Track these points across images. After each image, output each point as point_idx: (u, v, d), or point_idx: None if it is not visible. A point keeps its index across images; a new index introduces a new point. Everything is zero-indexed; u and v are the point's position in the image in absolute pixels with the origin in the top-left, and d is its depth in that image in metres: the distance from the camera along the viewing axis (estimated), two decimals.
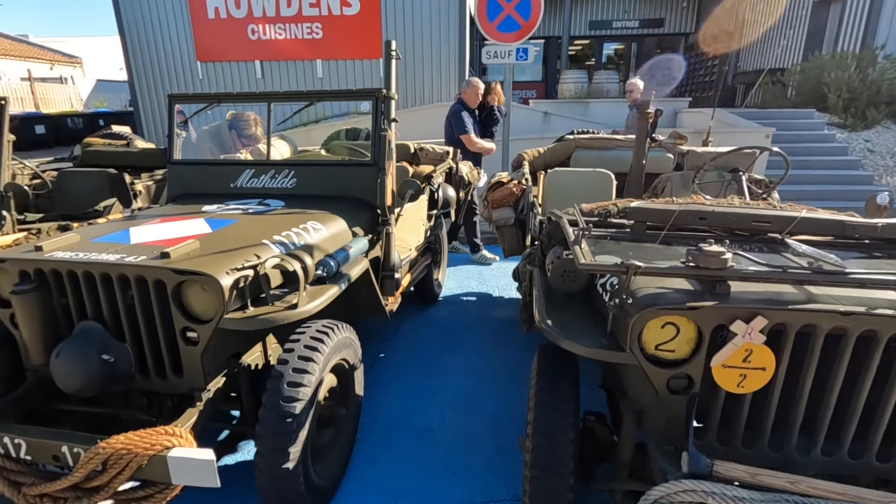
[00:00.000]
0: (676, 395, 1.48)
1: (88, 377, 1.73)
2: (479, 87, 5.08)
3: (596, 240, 1.85)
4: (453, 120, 5.07)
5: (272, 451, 1.75)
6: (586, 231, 1.67)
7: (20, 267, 1.84)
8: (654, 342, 1.44)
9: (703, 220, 1.84)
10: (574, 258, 1.63)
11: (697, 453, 1.36)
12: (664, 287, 1.49)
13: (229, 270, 1.75)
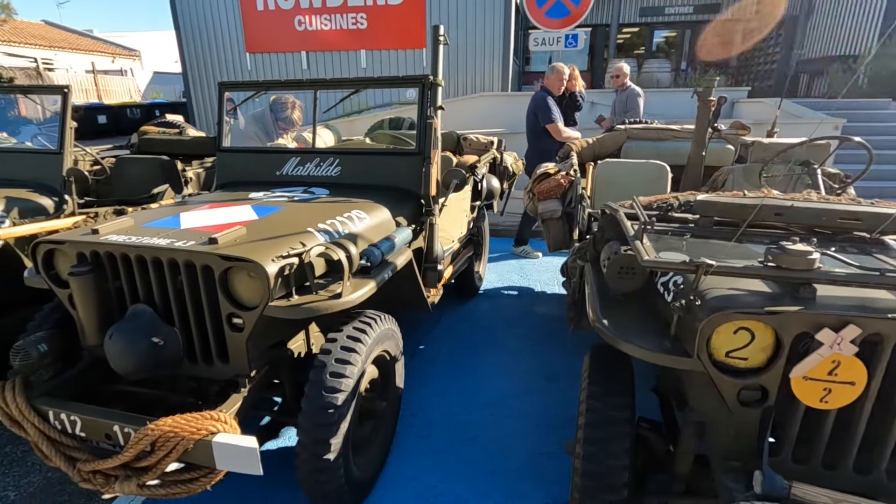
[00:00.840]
0: (747, 408, 1.35)
1: (139, 359, 1.76)
2: (564, 72, 4.85)
3: (657, 235, 1.72)
4: (538, 108, 4.80)
5: (314, 442, 1.73)
6: (648, 225, 1.54)
7: (77, 249, 1.89)
8: (724, 348, 1.31)
9: (780, 217, 1.67)
10: (635, 254, 1.52)
11: (773, 473, 1.23)
12: (737, 288, 1.35)
13: (275, 258, 1.73)
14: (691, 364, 1.33)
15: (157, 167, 3.99)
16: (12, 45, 18.89)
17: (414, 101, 7.76)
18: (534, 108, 4.90)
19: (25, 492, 2.19)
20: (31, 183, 3.08)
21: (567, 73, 4.90)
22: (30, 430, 1.74)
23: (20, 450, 2.44)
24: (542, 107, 4.79)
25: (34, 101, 8.37)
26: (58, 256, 1.98)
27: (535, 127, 4.89)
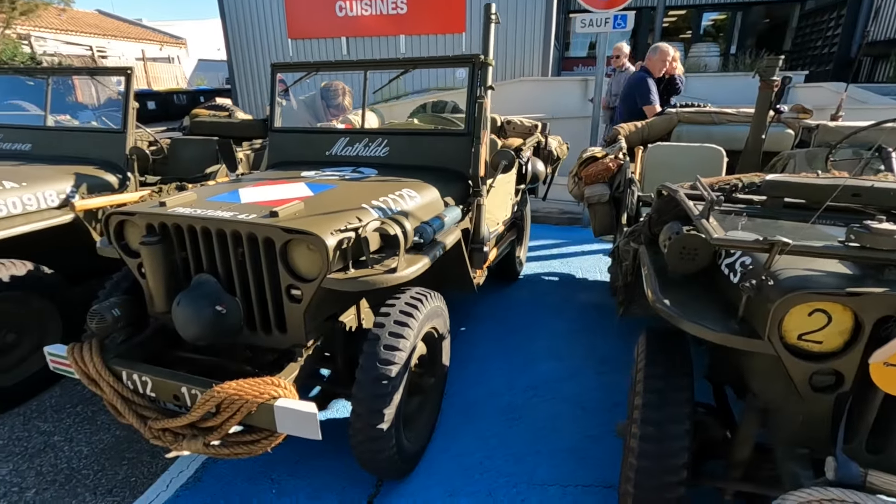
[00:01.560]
0: (819, 394, 1.30)
1: (203, 326, 1.84)
2: (668, 53, 4.63)
3: (723, 215, 1.66)
4: (637, 89, 4.59)
5: (368, 412, 1.78)
6: (716, 204, 1.49)
7: (147, 220, 1.98)
8: (797, 331, 1.26)
9: (858, 198, 1.59)
10: (700, 234, 1.47)
11: (847, 460, 1.19)
12: (813, 269, 1.30)
13: (333, 231, 1.77)
14: (761, 346, 1.28)
15: (211, 148, 4.13)
16: (69, 34, 19.80)
17: (452, 87, 7.68)
18: (632, 88, 4.66)
19: (97, 448, 2.34)
20: (97, 160, 3.24)
21: (671, 54, 4.66)
22: (105, 389, 1.86)
23: (90, 410, 2.61)
24: (642, 87, 4.55)
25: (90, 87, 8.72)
26: (128, 228, 2.08)
27: (632, 108, 4.66)
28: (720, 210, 1.72)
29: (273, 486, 2.10)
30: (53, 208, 2.86)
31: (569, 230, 5.78)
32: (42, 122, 3.37)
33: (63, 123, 4.20)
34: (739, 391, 1.74)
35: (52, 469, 2.21)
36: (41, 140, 3.36)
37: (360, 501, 2.03)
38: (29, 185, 2.78)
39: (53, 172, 2.97)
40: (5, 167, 2.98)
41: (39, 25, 17.89)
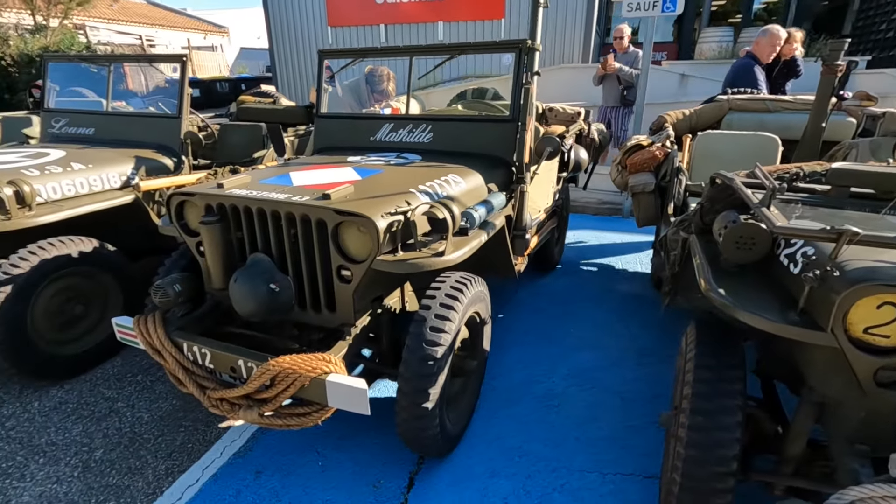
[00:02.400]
0: (884, 389, 1.25)
1: (258, 303, 1.93)
2: (779, 36, 4.27)
3: (783, 204, 1.61)
4: (740, 77, 4.29)
5: (414, 391, 1.83)
6: (778, 192, 1.45)
7: (206, 201, 2.07)
8: (863, 324, 1.22)
9: None
10: (760, 223, 1.44)
11: None
12: (882, 261, 1.25)
13: (384, 214, 1.81)
14: (823, 339, 1.25)
15: (258, 133, 4.26)
16: (120, 23, 20.58)
17: (489, 74, 7.61)
18: (734, 76, 4.37)
19: (156, 415, 2.49)
20: (153, 144, 3.39)
21: (783, 37, 4.31)
22: (168, 359, 1.97)
23: (149, 379, 2.77)
24: (748, 76, 4.24)
25: (140, 75, 9.02)
26: (188, 208, 2.19)
27: None
28: (782, 199, 1.66)
29: (319, 459, 2.19)
30: (115, 189, 3.02)
31: (608, 220, 5.68)
32: (104, 108, 3.55)
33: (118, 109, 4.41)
34: (793, 385, 1.70)
35: (117, 432, 2.37)
36: (103, 124, 3.54)
37: (403, 477, 2.09)
38: (94, 167, 2.94)
39: (115, 155, 3.13)
40: (72, 150, 3.16)
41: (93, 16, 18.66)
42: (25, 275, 2.44)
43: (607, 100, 6.47)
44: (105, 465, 2.17)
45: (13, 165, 2.76)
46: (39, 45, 12.05)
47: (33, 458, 2.22)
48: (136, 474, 2.13)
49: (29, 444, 2.29)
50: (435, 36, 11.05)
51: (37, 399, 2.60)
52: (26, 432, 2.37)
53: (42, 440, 2.32)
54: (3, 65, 11.54)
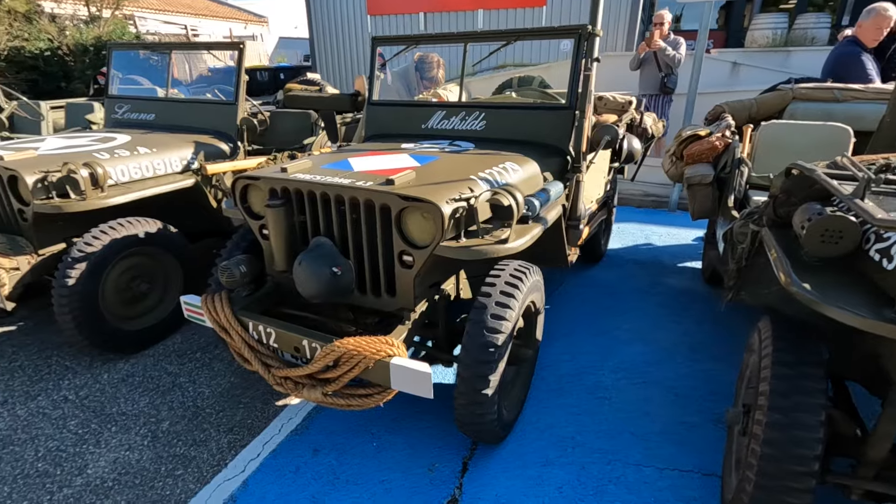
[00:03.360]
0: None
1: (321, 285, 1.97)
2: (888, 16, 3.71)
3: (874, 196, 1.52)
4: (847, 66, 3.79)
5: (474, 377, 1.83)
6: (874, 183, 1.37)
7: (270, 185, 2.12)
8: None
9: None
10: (861, 215, 1.36)
11: None
12: None
13: (448, 200, 1.81)
14: None
15: (307, 120, 4.33)
16: (166, 13, 21.20)
17: (529, 63, 7.42)
18: (838, 65, 3.88)
19: (216, 391, 2.59)
20: (210, 130, 3.50)
21: (893, 17, 3.74)
22: (234, 337, 2.04)
23: (207, 357, 2.88)
24: (856, 65, 3.74)
25: (185, 63, 9.26)
26: (252, 192, 2.25)
27: None
28: (877, 190, 1.58)
29: (373, 440, 2.23)
30: (177, 173, 3.13)
31: (653, 213, 5.54)
32: (163, 95, 3.67)
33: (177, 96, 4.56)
34: (873, 387, 1.62)
35: (181, 406, 2.48)
36: (163, 110, 3.66)
37: (456, 462, 2.11)
38: (158, 151, 3.05)
39: (176, 140, 3.24)
40: (137, 135, 3.29)
41: (141, 6, 19.30)
42: (98, 253, 2.57)
43: (645, 87, 6.25)
44: (172, 436, 2.28)
45: (85, 149, 2.89)
46: (93, 34, 12.54)
47: (106, 426, 2.34)
48: (202, 446, 2.22)
49: (101, 413, 2.43)
50: (474, 23, 10.94)
51: (106, 371, 2.75)
52: (98, 402, 2.51)
53: (113, 410, 2.45)
54: (60, 54, 12.06)
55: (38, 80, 11.44)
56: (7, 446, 2.22)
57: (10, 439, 2.26)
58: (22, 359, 2.86)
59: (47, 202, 2.51)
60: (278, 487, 2.00)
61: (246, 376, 2.70)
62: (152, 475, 2.07)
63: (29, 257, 2.61)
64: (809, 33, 11.47)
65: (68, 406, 2.47)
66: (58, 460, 2.15)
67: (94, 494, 1.97)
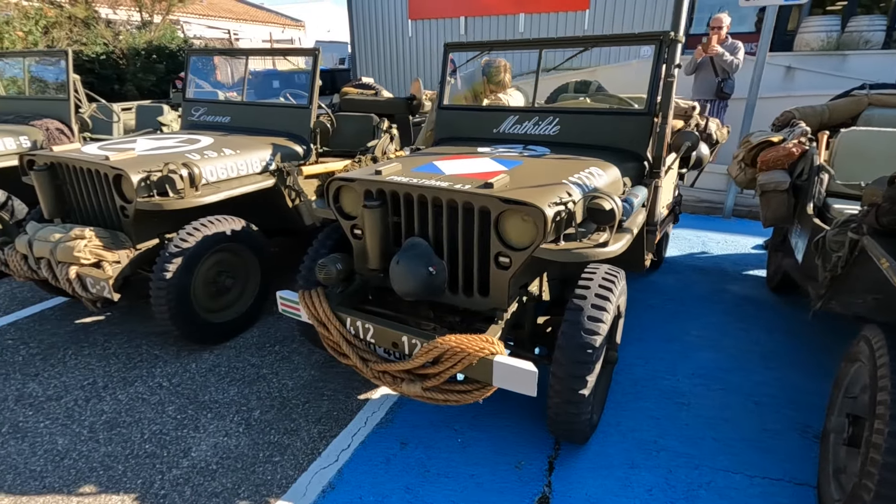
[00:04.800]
0: None
1: (418, 284, 2.04)
2: None
3: None
4: None
5: (570, 378, 1.88)
6: None
7: (366, 187, 2.21)
8: None
9: None
10: None
11: None
12: None
13: (550, 203, 1.86)
14: None
15: (369, 124, 4.44)
16: (209, 18, 21.93)
17: (578, 67, 7.27)
18: None
19: (298, 382, 2.70)
20: (284, 133, 3.63)
21: None
22: (332, 332, 2.14)
23: (286, 350, 3.00)
24: None
25: (227, 66, 9.49)
26: (344, 192, 2.34)
27: None
28: None
29: (458, 436, 2.30)
30: (256, 173, 3.27)
31: (707, 219, 5.47)
32: (241, 98, 3.83)
33: (231, 99, 4.74)
34: None
35: (268, 396, 2.59)
36: (238, 113, 3.83)
37: (542, 460, 2.16)
38: (241, 152, 3.20)
39: (254, 142, 3.38)
40: (218, 136, 3.45)
41: (186, 12, 19.99)
42: (192, 248, 2.71)
43: (700, 91, 6.15)
44: (264, 425, 2.39)
45: (176, 150, 3.05)
46: (145, 39, 13.08)
47: (202, 412, 2.47)
48: (293, 435, 2.33)
49: (196, 400, 2.56)
50: (516, 28, 10.97)
51: (193, 361, 2.89)
52: (191, 389, 2.64)
53: (206, 397, 2.58)
54: (114, 58, 12.62)
55: (93, 82, 11.99)
56: (115, 428, 2.37)
57: (116, 422, 2.41)
58: (114, 346, 3.04)
59: (149, 200, 2.66)
60: (372, 477, 2.08)
61: (325, 370, 2.80)
62: (252, 460, 2.18)
63: (128, 251, 2.78)
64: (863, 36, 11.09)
65: (164, 392, 2.62)
66: (163, 443, 2.28)
67: (202, 476, 2.09)
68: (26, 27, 10.78)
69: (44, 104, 4.43)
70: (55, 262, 2.65)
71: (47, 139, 4.19)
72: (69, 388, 2.66)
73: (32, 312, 3.45)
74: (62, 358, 2.92)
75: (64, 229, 2.70)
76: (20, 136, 4.08)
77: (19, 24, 10.65)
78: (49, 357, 2.93)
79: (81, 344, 3.07)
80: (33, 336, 3.15)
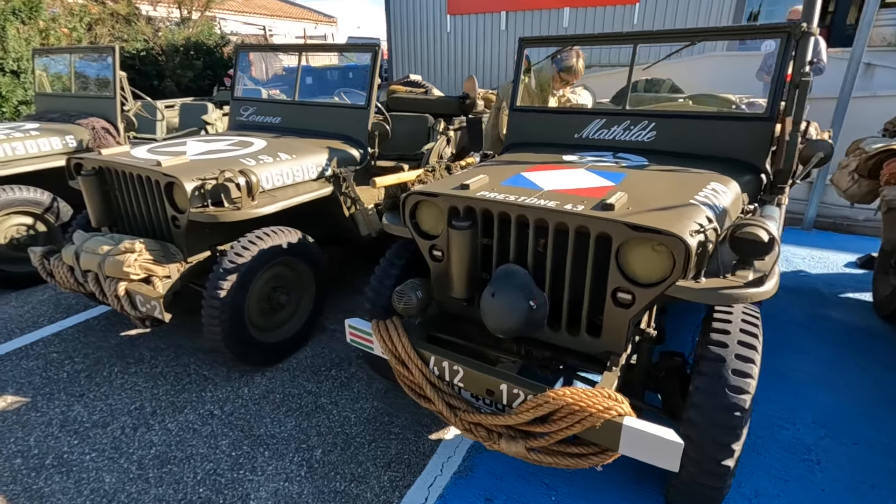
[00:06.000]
0: None
1: (517, 321, 1.73)
2: None
3: None
4: None
5: (712, 445, 1.54)
6: None
7: (452, 203, 1.91)
8: None
9: None
10: None
11: None
12: None
13: (692, 232, 1.53)
14: None
15: (423, 125, 4.16)
16: (245, 14, 22.05)
17: (619, 63, 6.68)
18: None
19: (361, 416, 2.43)
20: (340, 136, 3.36)
21: None
22: (414, 372, 1.85)
23: (344, 375, 2.74)
24: None
25: (262, 63, 9.35)
26: (421, 208, 2.04)
27: None
28: None
29: (550, 493, 1.98)
30: (312, 180, 3.01)
31: (785, 231, 5.00)
32: (293, 98, 3.58)
33: (274, 97, 4.51)
34: None
35: (329, 431, 2.33)
36: (290, 114, 3.58)
37: None
38: (297, 157, 2.94)
39: (310, 146, 3.13)
40: (270, 139, 3.20)
41: (223, 8, 20.12)
42: (248, 263, 2.47)
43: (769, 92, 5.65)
44: (328, 468, 2.13)
45: (229, 154, 2.82)
46: (183, 35, 13.11)
47: (258, 449, 2.23)
48: (361, 482, 2.05)
49: (250, 434, 2.32)
50: (559, 23, 10.51)
51: (245, 385, 2.66)
52: (244, 420, 2.40)
53: (261, 430, 2.34)
54: (153, 54, 12.69)
55: (134, 78, 12.07)
56: (165, 465, 2.14)
57: (167, 457, 2.18)
58: (161, 365, 2.83)
59: (204, 211, 2.43)
60: None
61: (388, 400, 2.53)
62: None
63: (179, 265, 2.56)
64: None
65: (216, 423, 2.38)
66: (217, 486, 2.04)
67: None
68: (71, 24, 10.88)
69: (89, 102, 4.29)
70: (103, 276, 2.44)
71: (93, 139, 4.04)
72: (116, 412, 2.45)
73: (77, 322, 3.29)
74: (108, 376, 2.73)
75: (112, 240, 2.49)
76: (66, 135, 3.94)
77: (64, 21, 10.76)
78: (94, 375, 2.74)
79: (127, 360, 2.87)
80: (78, 350, 2.98)
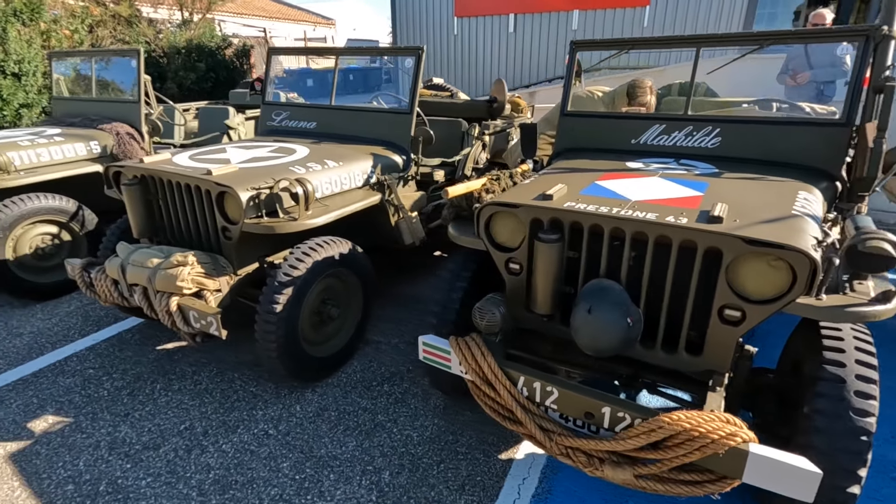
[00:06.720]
0: None
1: (615, 339, 1.64)
2: None
3: None
4: None
5: (838, 472, 1.46)
6: None
7: (536, 215, 1.82)
8: None
9: None
10: None
11: None
12: None
13: (815, 247, 1.45)
14: None
15: (457, 130, 4.07)
16: (244, 16, 21.89)
17: (646, 66, 6.56)
18: None
19: (424, 434, 2.33)
20: (381, 141, 3.27)
21: None
22: (502, 393, 1.76)
23: (398, 391, 2.64)
24: None
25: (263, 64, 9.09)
26: (496, 219, 1.96)
27: None
28: None
29: None
30: (358, 188, 2.91)
31: None
32: (330, 103, 3.48)
33: (296, 101, 4.40)
34: None
35: (393, 452, 2.23)
36: (326, 119, 3.48)
37: None
38: (343, 164, 2.85)
39: (354, 152, 3.03)
40: (312, 146, 3.10)
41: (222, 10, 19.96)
42: (303, 276, 2.36)
43: (793, 96, 5.60)
44: (399, 492, 2.03)
45: (276, 162, 2.71)
46: (185, 37, 12.95)
47: (322, 471, 2.12)
48: None
49: (311, 455, 2.21)
50: (569, 26, 10.49)
51: (296, 402, 2.55)
52: (302, 440, 2.30)
53: (322, 451, 2.23)
54: (155, 56, 12.52)
55: None
56: (227, 490, 2.03)
57: (227, 482, 2.07)
58: (205, 381, 2.72)
59: (259, 222, 2.32)
60: None
61: (450, 419, 2.43)
62: None
63: (229, 278, 2.45)
64: None
65: (273, 443, 2.28)
66: None
67: None
68: (72, 26, 10.71)
69: (112, 106, 4.17)
70: (153, 290, 2.33)
71: (117, 144, 3.91)
72: (165, 433, 2.34)
73: (110, 335, 3.16)
74: (151, 394, 2.61)
75: (162, 253, 2.37)
76: (90, 141, 3.81)
77: (66, 23, 10.58)
78: (137, 392, 2.63)
79: (169, 376, 2.76)
80: (115, 365, 2.86)
